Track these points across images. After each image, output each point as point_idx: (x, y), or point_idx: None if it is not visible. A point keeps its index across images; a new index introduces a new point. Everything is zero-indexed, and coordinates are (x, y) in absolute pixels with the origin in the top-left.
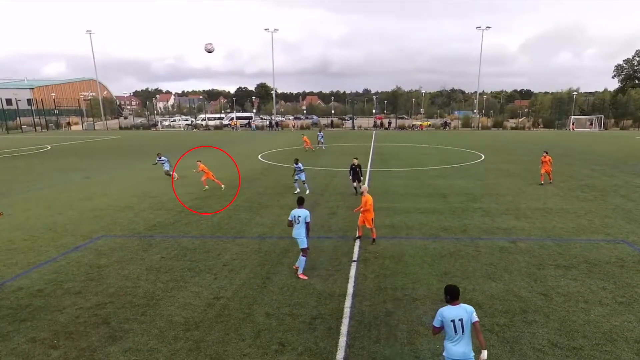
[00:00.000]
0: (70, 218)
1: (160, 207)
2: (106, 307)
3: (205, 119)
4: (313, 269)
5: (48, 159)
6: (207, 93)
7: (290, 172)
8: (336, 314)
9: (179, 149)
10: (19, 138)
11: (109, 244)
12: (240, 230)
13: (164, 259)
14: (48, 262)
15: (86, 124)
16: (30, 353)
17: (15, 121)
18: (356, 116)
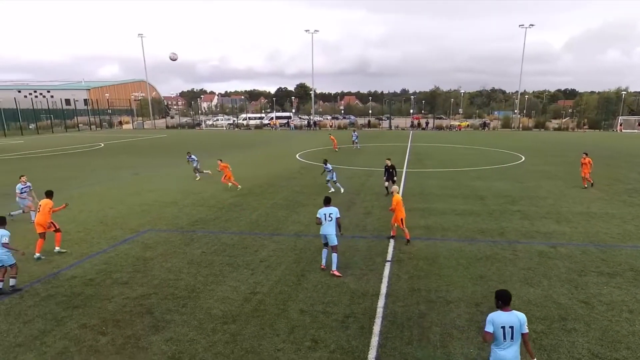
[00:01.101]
0: (120, 212)
1: (202, 203)
2: (150, 298)
3: (246, 119)
4: (347, 268)
5: (101, 156)
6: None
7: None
8: (369, 313)
9: (218, 147)
10: (75, 136)
11: (154, 238)
12: (277, 228)
13: (205, 253)
14: (99, 254)
15: (136, 123)
16: (81, 338)
17: (73, 120)
18: (393, 116)
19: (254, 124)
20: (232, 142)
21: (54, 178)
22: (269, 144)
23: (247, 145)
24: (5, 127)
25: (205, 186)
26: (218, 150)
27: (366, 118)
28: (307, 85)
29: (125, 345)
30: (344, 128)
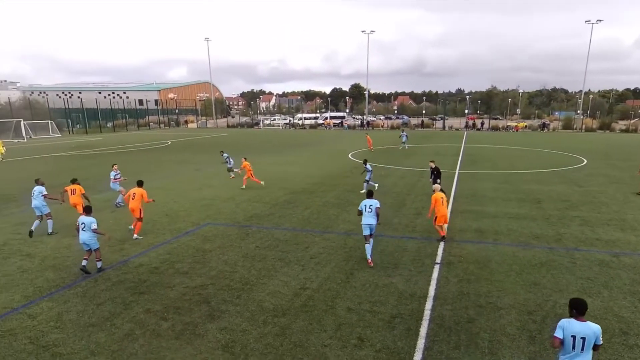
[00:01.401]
0: (183, 206)
1: (258, 199)
2: (208, 288)
3: (302, 118)
4: (395, 268)
5: (168, 153)
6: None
7: (378, 171)
8: (416, 315)
9: (273, 146)
10: (146, 134)
11: (213, 231)
12: (328, 226)
13: (259, 248)
14: (163, 244)
15: (200, 122)
16: (145, 322)
17: (144, 119)
18: (447, 116)
19: (308, 123)
20: (287, 141)
21: (127, 172)
22: (323, 144)
23: (301, 145)
24: (87, 125)
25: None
26: (274, 148)
27: (419, 118)
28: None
29: (183, 332)
30: (396, 128)
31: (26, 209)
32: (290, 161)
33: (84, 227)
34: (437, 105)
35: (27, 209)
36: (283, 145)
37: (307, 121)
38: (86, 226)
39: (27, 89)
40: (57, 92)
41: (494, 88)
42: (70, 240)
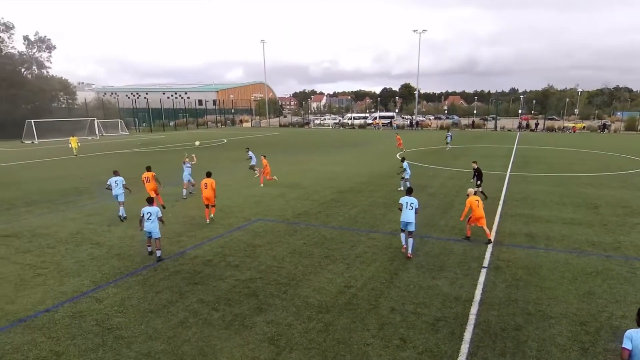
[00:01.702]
0: (236, 202)
1: (307, 197)
2: (256, 282)
3: (351, 118)
4: (441, 270)
5: (224, 151)
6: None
7: (426, 172)
8: (460, 319)
9: (323, 145)
10: (204, 132)
11: (263, 227)
12: (374, 225)
13: (306, 244)
14: (217, 238)
15: (254, 121)
16: (198, 311)
17: (203, 118)
18: (500, 116)
19: (357, 123)
20: (336, 140)
21: None
22: (371, 143)
23: (350, 144)
24: (152, 123)
25: (312, 181)
26: (323, 148)
27: (470, 118)
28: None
29: (233, 322)
30: (445, 128)
31: (98, 201)
32: (338, 160)
33: (150, 216)
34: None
35: (99, 201)
36: (332, 144)
37: (356, 121)
38: (152, 215)
39: (100, 90)
40: (127, 93)
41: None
42: (134, 231)
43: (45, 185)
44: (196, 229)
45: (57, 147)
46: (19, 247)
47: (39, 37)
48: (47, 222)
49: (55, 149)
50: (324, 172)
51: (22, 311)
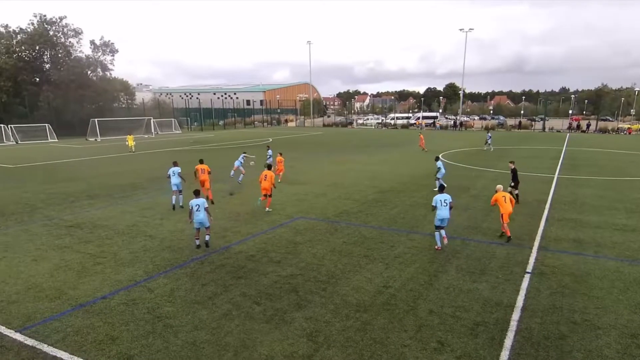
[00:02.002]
0: (279, 200)
1: (348, 197)
2: (296, 278)
3: (394, 118)
4: (482, 274)
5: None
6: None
7: (469, 173)
8: (501, 325)
9: (365, 145)
10: (251, 131)
11: (304, 225)
12: (415, 226)
13: (346, 243)
14: (260, 234)
15: (298, 121)
16: (240, 304)
17: (250, 118)
18: (548, 117)
19: (400, 123)
20: (379, 140)
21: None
22: (413, 143)
23: (392, 144)
24: (203, 123)
25: (353, 180)
26: (366, 147)
27: (517, 119)
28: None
29: (273, 317)
30: (491, 129)
31: (152, 196)
32: (380, 160)
33: (198, 207)
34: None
35: (153, 196)
36: (374, 144)
37: (399, 121)
38: (200, 207)
39: (157, 91)
40: (180, 94)
41: (605, 86)
42: (183, 225)
43: (106, 180)
44: (241, 225)
45: (117, 145)
46: (81, 237)
47: (103, 42)
48: (106, 215)
49: (115, 146)
50: (366, 172)
51: (83, 297)
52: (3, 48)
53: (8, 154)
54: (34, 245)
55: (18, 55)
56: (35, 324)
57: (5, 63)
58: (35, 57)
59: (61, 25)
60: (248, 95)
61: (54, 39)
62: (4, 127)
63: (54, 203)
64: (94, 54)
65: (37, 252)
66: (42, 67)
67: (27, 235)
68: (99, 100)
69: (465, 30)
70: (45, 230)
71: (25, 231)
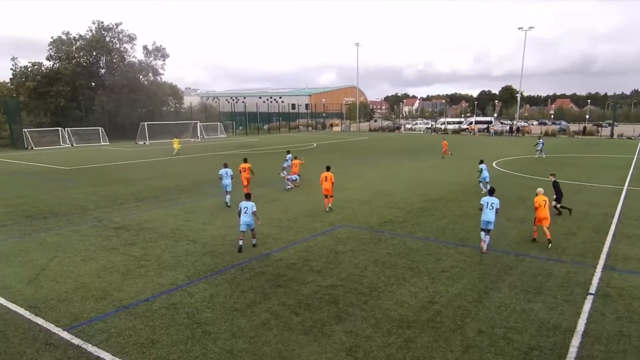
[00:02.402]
0: (322, 206)
1: (393, 205)
2: (337, 289)
3: (445, 123)
4: (538, 293)
5: (313, 154)
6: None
7: (526, 182)
8: (559, 350)
9: (413, 150)
10: (295, 136)
11: (347, 233)
12: (464, 238)
13: (390, 254)
14: (301, 242)
15: (344, 125)
16: (279, 314)
17: (295, 122)
18: (618, 122)
19: (451, 128)
20: (427, 146)
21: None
22: (465, 150)
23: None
24: (248, 127)
25: (399, 187)
26: (413, 153)
27: (581, 124)
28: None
29: (312, 328)
30: (551, 135)
31: (196, 200)
32: (428, 167)
33: (246, 210)
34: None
35: (197, 200)
36: (423, 150)
37: (449, 126)
38: (248, 210)
39: (204, 95)
40: (227, 98)
41: None
42: (226, 230)
43: (153, 183)
44: (282, 231)
45: (165, 148)
46: (127, 239)
47: (155, 47)
48: (152, 217)
49: (162, 150)
50: (413, 179)
51: (126, 299)
52: (64, 54)
53: (64, 156)
54: (83, 245)
55: (77, 61)
56: (81, 323)
57: (65, 68)
58: (92, 63)
59: (117, 31)
60: (293, 99)
61: (109, 44)
62: (61, 130)
63: (104, 205)
64: (146, 58)
65: (86, 252)
66: (97, 72)
67: (78, 236)
68: (149, 104)
69: (524, 29)
70: (94, 232)
71: (77, 232)
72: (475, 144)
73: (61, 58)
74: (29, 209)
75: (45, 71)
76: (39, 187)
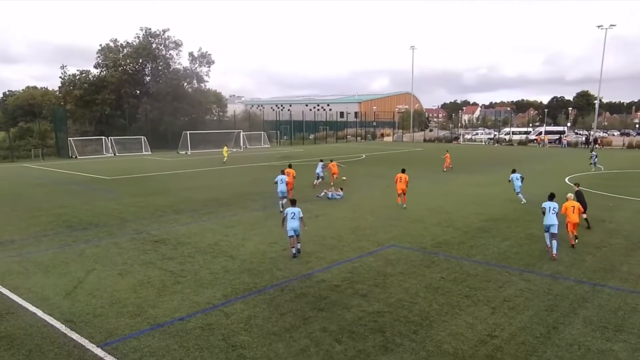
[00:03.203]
0: (369, 223)
1: (449, 224)
2: (384, 316)
3: (509, 133)
4: (618, 331)
5: (361, 166)
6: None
7: (604, 202)
8: None
9: (471, 163)
10: (343, 146)
11: (397, 254)
12: (530, 264)
13: (444, 279)
14: (346, 262)
15: (396, 135)
16: (320, 341)
17: (343, 131)
18: None
19: (517, 139)
20: (489, 158)
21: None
22: (532, 163)
23: (506, 163)
24: (292, 136)
25: (456, 205)
26: (473, 166)
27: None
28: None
29: (354, 359)
30: (635, 147)
31: (236, 213)
32: (490, 182)
33: (293, 215)
34: None
35: (237, 213)
36: (484, 163)
37: (515, 136)
38: (295, 215)
39: (248, 103)
40: (272, 105)
41: None
42: (265, 247)
43: (192, 194)
44: (326, 250)
45: (206, 158)
46: (164, 253)
47: (201, 53)
48: (190, 231)
49: (204, 160)
50: (472, 195)
51: (161, 316)
52: (111, 62)
53: (107, 165)
54: (121, 259)
55: (123, 69)
56: (115, 340)
57: (111, 76)
58: (138, 70)
59: (163, 37)
60: (342, 107)
61: (155, 51)
62: (105, 139)
63: (143, 217)
64: (191, 65)
65: (124, 266)
66: (142, 80)
67: (116, 249)
68: (192, 113)
69: (604, 27)
70: (132, 245)
71: (115, 244)
72: (544, 157)
73: (108, 66)
74: (71, 219)
75: (93, 79)
76: (81, 197)
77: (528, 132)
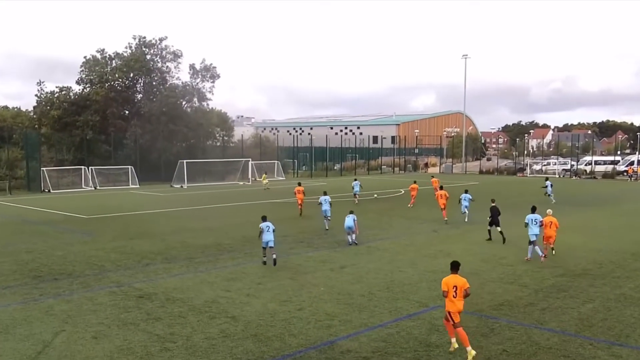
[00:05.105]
0: (409, 277)
1: (513, 280)
2: None
3: (590, 163)
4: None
5: (398, 205)
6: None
7: None
8: None
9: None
10: (376, 179)
11: None
12: (622, 335)
13: (507, 353)
14: (378, 327)
15: (444, 165)
16: None
17: (376, 160)
18: None
19: (601, 170)
20: (566, 195)
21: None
22: (621, 201)
23: (585, 201)
24: (313, 166)
25: (521, 255)
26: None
27: None
28: None
29: None
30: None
31: (240, 262)
32: (567, 225)
33: (268, 228)
34: None
35: (241, 262)
36: (558, 201)
37: (598, 167)
38: (269, 228)
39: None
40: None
41: None
42: (276, 305)
43: (188, 238)
44: (353, 310)
45: (206, 193)
46: (150, 312)
47: (204, 66)
48: (183, 284)
49: (202, 195)
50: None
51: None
52: (96, 77)
53: (85, 201)
54: (96, 318)
55: (110, 84)
56: None
57: (96, 93)
58: (128, 86)
59: (160, 47)
60: (375, 130)
61: (150, 63)
62: (84, 169)
63: (126, 265)
64: (192, 80)
65: (99, 327)
66: (133, 98)
67: (91, 305)
68: (191, 137)
69: None
70: (111, 300)
71: (90, 299)
72: (632, 194)
73: (92, 81)
74: (39, 267)
75: (74, 97)
76: (53, 240)
77: (616, 162)
